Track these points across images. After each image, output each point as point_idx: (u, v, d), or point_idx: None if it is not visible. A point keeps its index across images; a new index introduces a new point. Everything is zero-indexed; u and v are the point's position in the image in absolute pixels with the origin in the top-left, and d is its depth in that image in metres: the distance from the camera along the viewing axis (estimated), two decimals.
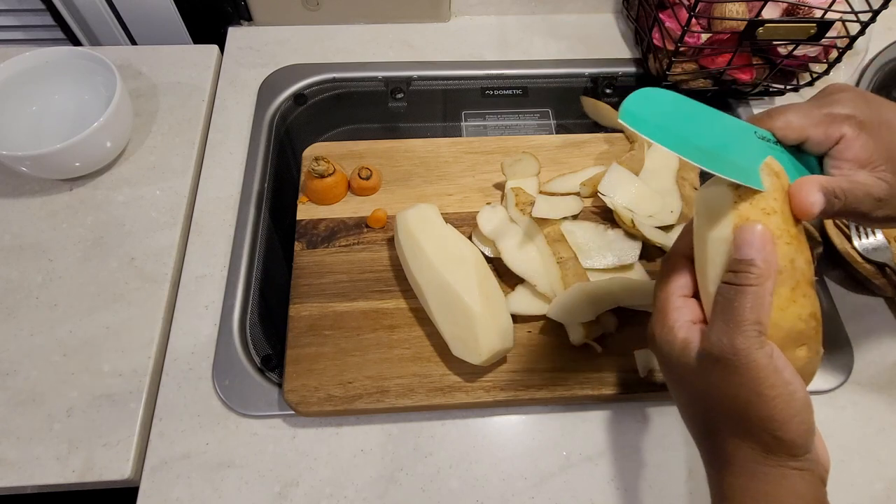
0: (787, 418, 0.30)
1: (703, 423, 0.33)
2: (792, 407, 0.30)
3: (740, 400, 0.30)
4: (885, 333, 0.53)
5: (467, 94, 0.69)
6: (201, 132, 0.63)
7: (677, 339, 0.32)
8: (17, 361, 0.49)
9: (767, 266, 0.30)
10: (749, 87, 0.65)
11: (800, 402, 0.30)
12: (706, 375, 0.31)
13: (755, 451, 0.30)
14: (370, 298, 0.51)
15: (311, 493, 0.45)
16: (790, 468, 0.30)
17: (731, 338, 0.29)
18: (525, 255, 0.50)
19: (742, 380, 0.29)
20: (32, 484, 0.45)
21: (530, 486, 0.46)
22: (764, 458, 0.30)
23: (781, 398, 0.29)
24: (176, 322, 0.52)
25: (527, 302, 0.50)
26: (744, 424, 0.30)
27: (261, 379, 0.49)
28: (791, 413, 0.30)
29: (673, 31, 0.61)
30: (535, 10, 0.75)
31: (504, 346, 0.46)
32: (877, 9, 0.55)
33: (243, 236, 0.56)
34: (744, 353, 0.29)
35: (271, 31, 0.72)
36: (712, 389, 0.31)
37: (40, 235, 0.55)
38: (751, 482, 0.30)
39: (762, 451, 0.30)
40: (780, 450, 0.30)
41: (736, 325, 0.29)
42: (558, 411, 0.49)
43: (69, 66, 0.59)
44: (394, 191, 0.57)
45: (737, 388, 0.30)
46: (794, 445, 0.30)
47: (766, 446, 0.30)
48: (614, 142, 0.61)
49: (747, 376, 0.29)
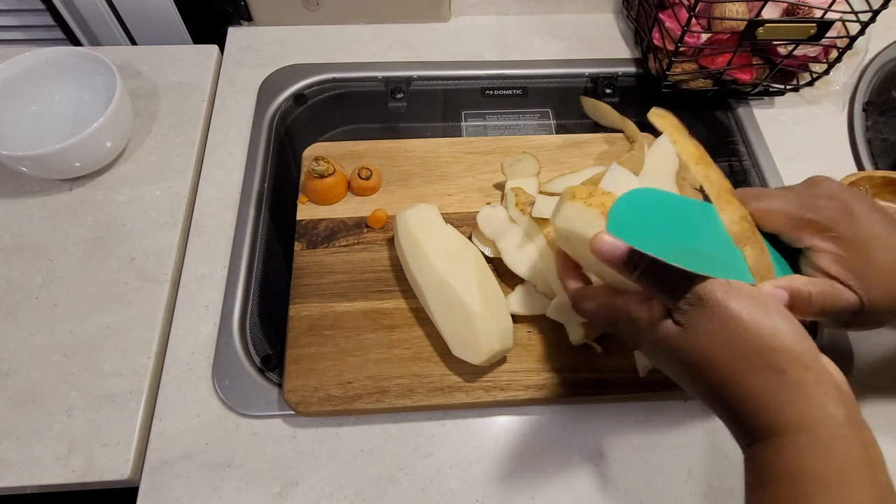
0: (774, 328, 0.30)
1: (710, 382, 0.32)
2: (771, 316, 0.30)
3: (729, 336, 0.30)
4: (886, 333, 0.53)
5: (467, 94, 0.69)
6: (201, 132, 0.63)
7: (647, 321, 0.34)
8: (17, 361, 0.49)
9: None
10: (749, 87, 0.65)
11: (778, 313, 0.31)
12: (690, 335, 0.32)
13: (769, 378, 0.30)
14: (370, 298, 0.51)
15: (311, 493, 0.45)
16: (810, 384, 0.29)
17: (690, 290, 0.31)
18: (525, 255, 0.50)
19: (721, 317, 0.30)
20: (32, 484, 0.45)
21: (530, 486, 0.46)
22: (781, 382, 0.29)
23: (758, 314, 0.30)
24: (176, 322, 0.52)
25: (527, 302, 0.50)
26: (745, 359, 0.30)
27: (261, 379, 0.49)
28: (774, 322, 0.30)
29: (673, 31, 0.61)
30: (535, 10, 0.75)
31: (504, 346, 0.46)
32: (877, 9, 0.55)
33: (243, 236, 0.56)
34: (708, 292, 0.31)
35: (271, 31, 0.72)
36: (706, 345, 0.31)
37: (40, 235, 0.55)
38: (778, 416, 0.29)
39: (776, 375, 0.29)
40: (790, 363, 0.29)
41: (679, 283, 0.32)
42: (558, 411, 0.49)
43: (69, 66, 0.59)
44: (394, 191, 0.57)
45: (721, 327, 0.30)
46: (796, 352, 0.30)
47: (774, 368, 0.29)
48: (614, 142, 0.61)
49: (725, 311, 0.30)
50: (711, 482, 0.46)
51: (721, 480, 0.47)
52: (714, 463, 0.47)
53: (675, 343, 0.32)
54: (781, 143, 0.65)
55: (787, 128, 0.66)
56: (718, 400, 0.32)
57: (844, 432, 0.28)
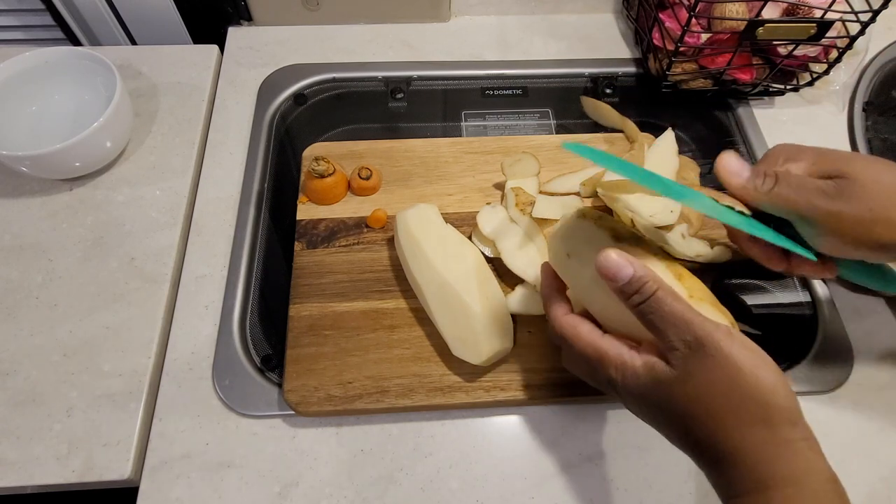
0: (771, 384, 0.30)
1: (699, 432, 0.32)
2: (768, 371, 0.30)
3: (726, 383, 0.30)
4: (885, 333, 0.53)
5: (467, 94, 0.69)
6: (201, 132, 0.63)
7: (638, 367, 0.33)
8: (17, 361, 0.49)
9: (647, 270, 0.32)
10: (749, 87, 0.65)
11: (772, 365, 0.31)
12: (687, 380, 0.31)
13: (760, 432, 0.30)
14: (370, 298, 0.51)
15: (311, 493, 0.45)
16: (798, 440, 0.30)
17: (690, 332, 0.31)
18: (525, 255, 0.50)
19: (720, 364, 0.30)
20: (32, 484, 0.45)
21: (530, 486, 0.46)
22: (771, 437, 0.30)
23: (757, 367, 0.30)
24: (176, 322, 0.52)
25: (527, 302, 0.50)
26: (740, 409, 0.30)
27: (261, 379, 0.49)
28: (773, 377, 0.30)
29: (673, 31, 0.61)
30: (535, 10, 0.75)
31: (504, 346, 0.46)
32: (877, 9, 0.55)
33: (243, 236, 0.56)
34: (708, 337, 0.30)
35: (271, 31, 0.72)
36: (699, 390, 0.31)
37: (40, 235, 0.55)
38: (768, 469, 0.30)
39: (766, 429, 0.30)
40: (780, 419, 0.30)
41: (683, 322, 0.31)
42: (558, 411, 0.49)
43: (69, 66, 0.59)
44: (394, 191, 0.57)
45: (719, 374, 0.30)
46: (787, 409, 0.30)
47: (766, 421, 0.30)
48: (614, 142, 0.61)
49: (723, 357, 0.30)
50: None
51: None
52: None
53: (668, 389, 0.32)
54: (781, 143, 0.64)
55: (787, 128, 0.66)
56: (707, 449, 0.32)
57: (829, 486, 0.30)
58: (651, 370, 0.32)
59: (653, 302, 0.32)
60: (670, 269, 0.35)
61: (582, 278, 0.37)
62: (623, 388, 0.34)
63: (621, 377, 0.34)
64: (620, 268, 0.32)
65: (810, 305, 0.55)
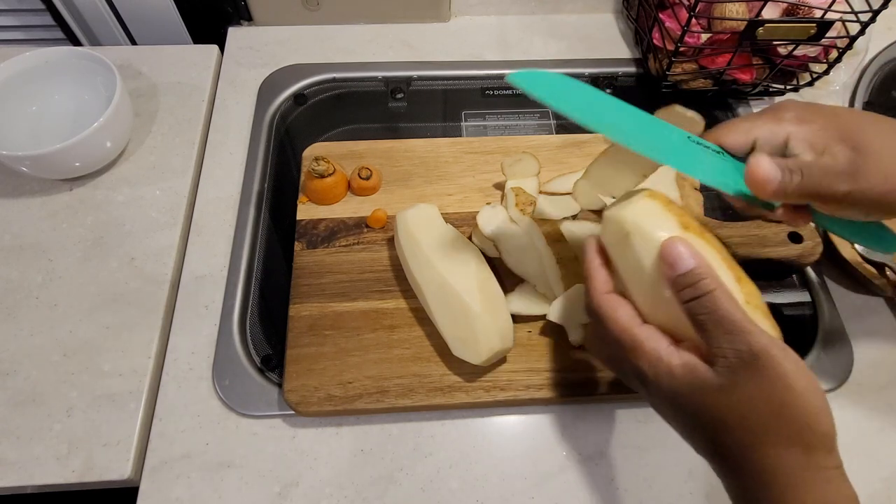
0: (818, 408, 0.29)
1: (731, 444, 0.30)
2: (818, 395, 0.29)
3: (774, 401, 0.29)
4: (885, 333, 0.53)
5: (467, 94, 0.69)
6: (201, 132, 0.63)
7: (675, 366, 0.31)
8: (17, 361, 0.49)
9: (707, 267, 0.31)
10: (749, 87, 0.65)
11: (821, 389, 0.30)
12: (731, 391, 0.29)
13: (797, 455, 0.29)
14: (370, 298, 0.51)
15: (311, 493, 0.45)
16: (831, 469, 0.29)
17: (744, 342, 0.29)
18: (525, 255, 0.50)
19: (772, 380, 0.29)
20: (32, 484, 0.45)
21: (530, 486, 0.46)
22: (807, 462, 0.29)
23: (809, 389, 0.29)
24: (176, 322, 0.52)
25: (527, 302, 0.50)
26: (782, 428, 0.29)
27: (261, 379, 0.49)
28: (821, 402, 0.29)
29: (673, 31, 0.61)
30: (535, 10, 0.75)
31: (504, 346, 0.46)
32: (877, 9, 0.55)
33: (243, 236, 0.56)
34: (763, 352, 0.29)
35: (271, 31, 0.72)
36: (742, 402, 0.29)
37: (40, 235, 0.55)
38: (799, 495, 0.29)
39: (804, 453, 0.29)
40: (819, 445, 0.29)
41: (738, 330, 0.29)
42: (558, 411, 0.49)
43: (69, 66, 0.59)
44: (394, 191, 0.57)
45: (769, 390, 0.29)
46: (828, 437, 0.29)
47: (806, 446, 0.29)
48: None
49: (775, 374, 0.29)
50: (712, 482, 0.46)
51: None
52: None
53: (706, 395, 0.30)
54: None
55: None
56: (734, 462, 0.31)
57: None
58: (691, 372, 0.31)
59: (707, 301, 0.30)
60: (731, 271, 0.33)
61: (634, 260, 0.34)
62: (653, 383, 0.32)
63: (653, 373, 0.32)
64: (682, 258, 0.31)
65: (810, 305, 0.55)
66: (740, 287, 0.32)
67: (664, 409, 0.34)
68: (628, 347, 0.33)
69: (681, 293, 0.31)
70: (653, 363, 0.32)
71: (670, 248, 0.31)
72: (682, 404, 0.32)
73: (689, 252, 0.31)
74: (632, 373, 0.34)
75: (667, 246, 0.32)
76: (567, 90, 0.34)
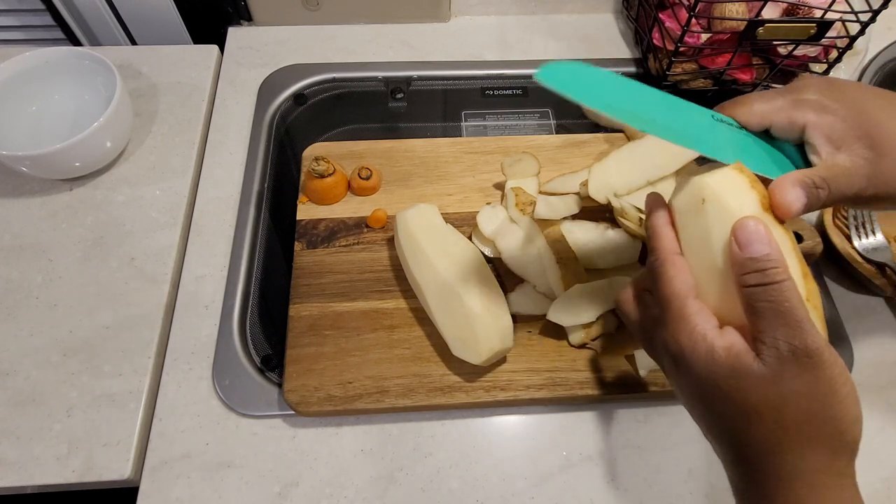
0: (855, 417, 0.29)
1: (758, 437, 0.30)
2: (857, 405, 0.29)
3: (816, 401, 0.28)
4: (885, 333, 0.53)
5: (467, 94, 0.69)
6: (201, 132, 0.63)
7: (717, 347, 0.30)
8: (17, 361, 0.49)
9: (781, 256, 0.29)
10: (749, 87, 0.65)
11: (859, 401, 0.29)
12: (776, 381, 0.28)
13: (822, 458, 0.29)
14: (370, 298, 0.51)
15: (311, 493, 0.45)
16: (849, 478, 0.29)
17: (801, 339, 0.28)
18: (525, 255, 0.50)
19: (819, 381, 0.28)
20: (32, 484, 0.45)
21: (530, 486, 0.46)
22: (828, 467, 0.29)
23: (851, 396, 0.29)
24: (176, 322, 0.52)
25: (527, 302, 0.50)
26: (816, 429, 0.28)
27: (261, 379, 0.49)
28: (857, 410, 0.29)
29: (673, 31, 0.61)
30: (535, 10, 0.75)
31: (504, 346, 0.46)
32: (877, 9, 0.55)
33: (243, 236, 0.56)
34: (817, 352, 0.28)
35: (271, 31, 0.72)
36: (784, 396, 0.28)
37: (40, 235, 0.55)
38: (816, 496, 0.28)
39: (829, 458, 0.28)
40: (844, 452, 0.29)
41: (798, 325, 0.28)
42: (558, 411, 0.49)
43: (69, 66, 0.59)
44: (394, 191, 0.57)
45: (814, 389, 0.28)
46: (855, 447, 0.29)
47: (833, 451, 0.29)
48: (614, 142, 0.61)
49: (823, 376, 0.28)
50: (712, 482, 0.46)
51: (722, 480, 0.46)
52: (715, 463, 0.47)
53: (746, 381, 0.29)
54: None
55: None
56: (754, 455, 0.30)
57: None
58: (735, 357, 0.29)
59: (774, 291, 0.29)
60: (800, 266, 0.31)
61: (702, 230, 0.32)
62: (688, 361, 0.31)
63: (692, 350, 0.30)
64: (757, 241, 0.29)
65: None
66: (805, 283, 0.31)
67: (691, 390, 0.32)
68: (674, 317, 0.31)
69: (745, 276, 0.29)
70: (695, 340, 0.30)
71: (746, 227, 0.29)
72: (713, 386, 0.30)
73: (766, 236, 0.29)
74: (664, 345, 0.32)
75: (744, 225, 0.30)
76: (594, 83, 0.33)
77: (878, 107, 0.33)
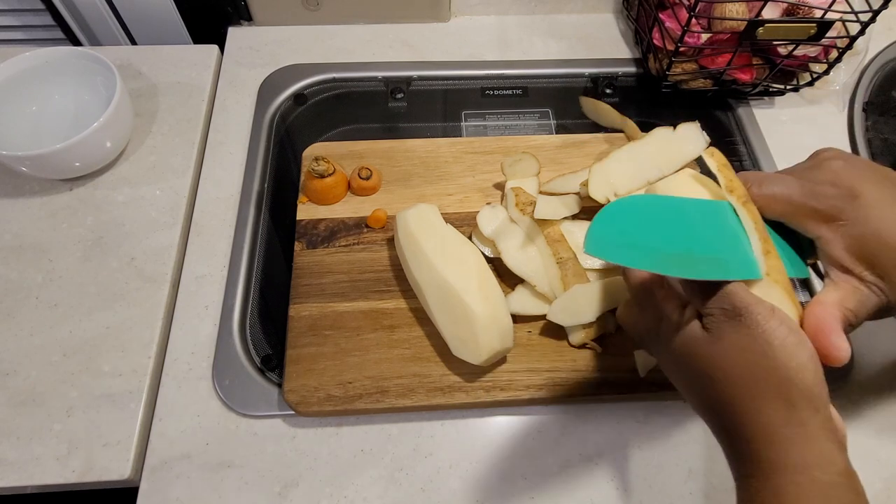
0: (800, 363, 0.30)
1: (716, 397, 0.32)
2: (802, 354, 0.30)
3: (754, 353, 0.30)
4: (886, 334, 0.53)
5: (467, 94, 0.69)
6: (201, 132, 0.63)
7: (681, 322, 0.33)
8: (17, 361, 0.49)
9: None
10: (749, 87, 0.65)
11: (808, 351, 0.30)
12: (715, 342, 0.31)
13: (779, 412, 0.29)
14: (370, 298, 0.51)
15: (311, 493, 0.45)
16: (816, 427, 0.29)
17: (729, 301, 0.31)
18: (525, 255, 0.50)
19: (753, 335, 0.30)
20: (32, 484, 0.45)
21: (530, 486, 0.46)
22: (788, 418, 0.29)
23: (787, 344, 0.30)
24: (176, 322, 0.52)
25: (527, 302, 0.49)
26: (762, 381, 0.30)
27: (261, 379, 0.49)
28: (803, 358, 0.30)
29: (673, 31, 0.61)
30: (535, 10, 0.75)
31: (504, 346, 0.46)
32: (877, 9, 0.55)
33: (243, 236, 0.56)
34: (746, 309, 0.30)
35: (271, 31, 0.72)
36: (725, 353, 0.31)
37: (40, 235, 0.55)
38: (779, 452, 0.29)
39: (785, 409, 0.29)
40: (802, 401, 0.29)
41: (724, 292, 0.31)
42: (558, 411, 0.49)
43: (69, 66, 0.59)
44: (394, 191, 0.57)
45: (750, 343, 0.30)
46: (813, 395, 0.29)
47: (788, 401, 0.29)
48: (614, 142, 0.61)
49: (757, 330, 0.30)
50: (712, 482, 0.46)
51: (722, 480, 0.47)
52: (715, 463, 0.47)
53: (697, 347, 0.32)
54: (781, 143, 0.65)
55: (787, 128, 0.66)
56: (723, 417, 0.32)
57: (842, 480, 0.29)
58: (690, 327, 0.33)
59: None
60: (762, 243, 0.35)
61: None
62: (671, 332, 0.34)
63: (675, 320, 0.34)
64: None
65: None
66: (766, 259, 0.34)
67: (668, 359, 0.35)
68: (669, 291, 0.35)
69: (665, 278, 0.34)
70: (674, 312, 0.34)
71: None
72: (679, 356, 0.33)
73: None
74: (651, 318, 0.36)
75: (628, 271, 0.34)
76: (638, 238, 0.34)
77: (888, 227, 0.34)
